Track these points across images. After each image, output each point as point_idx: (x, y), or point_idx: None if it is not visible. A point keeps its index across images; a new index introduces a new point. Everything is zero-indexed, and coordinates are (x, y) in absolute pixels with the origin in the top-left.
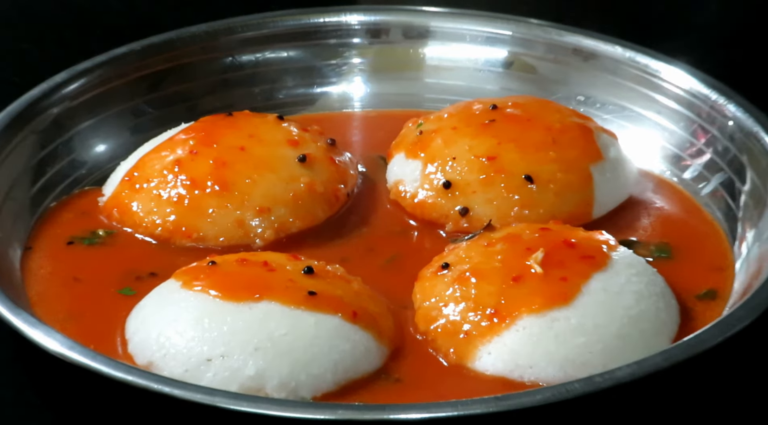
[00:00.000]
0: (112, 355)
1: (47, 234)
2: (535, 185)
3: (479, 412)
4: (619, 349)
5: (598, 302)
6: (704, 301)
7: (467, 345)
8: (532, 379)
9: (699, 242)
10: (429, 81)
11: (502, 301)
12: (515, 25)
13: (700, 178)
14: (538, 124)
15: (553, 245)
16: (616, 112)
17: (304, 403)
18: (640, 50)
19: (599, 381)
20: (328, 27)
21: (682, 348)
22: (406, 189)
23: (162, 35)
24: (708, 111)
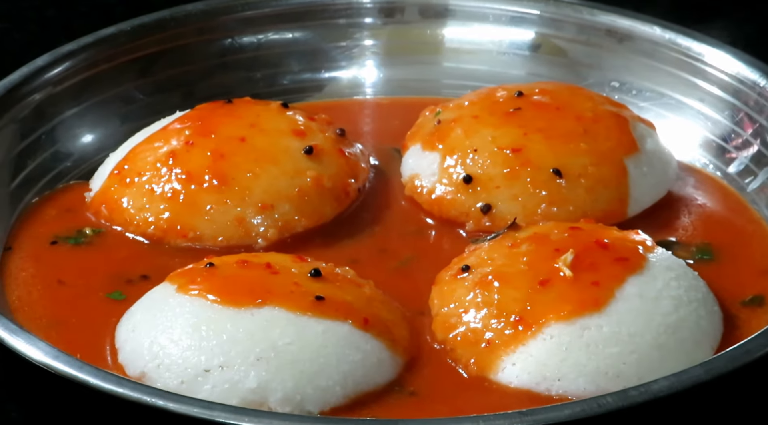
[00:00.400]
0: (101, 365)
1: (29, 233)
2: (564, 180)
3: None
4: (655, 360)
5: (633, 309)
6: (750, 307)
7: (489, 355)
8: (561, 392)
9: (745, 243)
10: (448, 65)
11: (528, 307)
12: (543, 4)
13: (747, 172)
14: (568, 112)
15: (583, 246)
16: (654, 99)
17: (310, 418)
18: (681, 31)
19: (634, 395)
20: (337, 5)
21: (725, 359)
22: (422, 184)
23: (155, 14)
24: (756, 98)
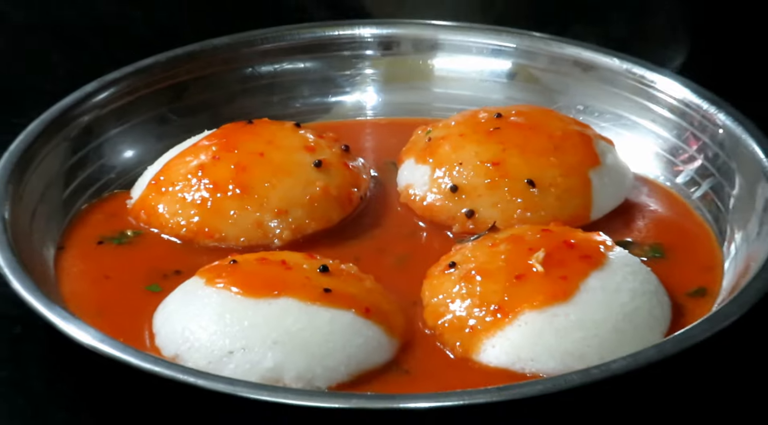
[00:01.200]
0: (141, 348)
1: (78, 235)
2: (537, 189)
3: (483, 402)
4: (615, 343)
5: (595, 299)
6: (695, 298)
7: (472, 338)
8: (533, 371)
9: (690, 243)
10: (437, 91)
11: (506, 298)
12: (519, 38)
13: (692, 182)
14: (541, 131)
15: (553, 246)
16: (613, 120)
17: (319, 393)
18: (636, 62)
19: (596, 373)
20: (342, 39)
21: (674, 342)
22: (415, 193)
23: (186, 47)
24: (699, 120)
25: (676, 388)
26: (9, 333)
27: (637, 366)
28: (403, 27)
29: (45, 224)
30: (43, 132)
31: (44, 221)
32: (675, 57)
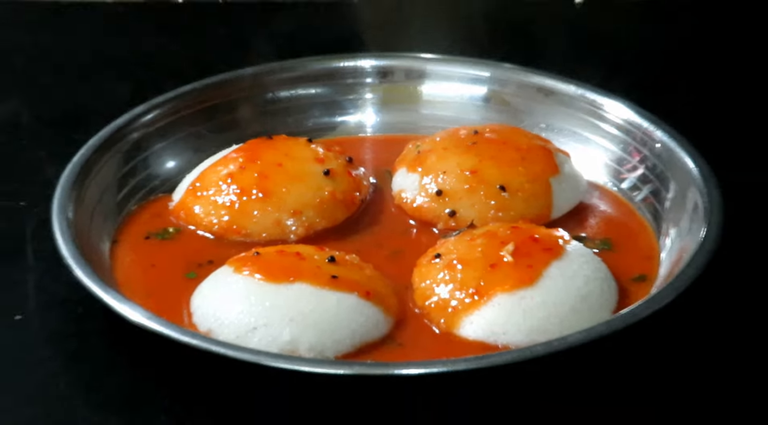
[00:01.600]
0: (181, 324)
1: (129, 231)
2: (507, 193)
3: (463, 369)
4: (572, 320)
5: (556, 284)
6: (637, 283)
7: (454, 316)
8: (505, 343)
9: (633, 238)
10: (425, 112)
11: (482, 283)
12: (493, 68)
13: (635, 188)
14: (510, 145)
15: (521, 240)
16: (570, 136)
17: (328, 362)
18: (589, 88)
19: (556, 345)
20: (346, 70)
21: (620, 320)
22: (407, 196)
23: (217, 76)
24: (641, 136)
25: (622, 358)
26: (74, 313)
27: (590, 339)
28: (397, 59)
29: (102, 222)
30: (100, 147)
31: (101, 220)
32: (620, 85)
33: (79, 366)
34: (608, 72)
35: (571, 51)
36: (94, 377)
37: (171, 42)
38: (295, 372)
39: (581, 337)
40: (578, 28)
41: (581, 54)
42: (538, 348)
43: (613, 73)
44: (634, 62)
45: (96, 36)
